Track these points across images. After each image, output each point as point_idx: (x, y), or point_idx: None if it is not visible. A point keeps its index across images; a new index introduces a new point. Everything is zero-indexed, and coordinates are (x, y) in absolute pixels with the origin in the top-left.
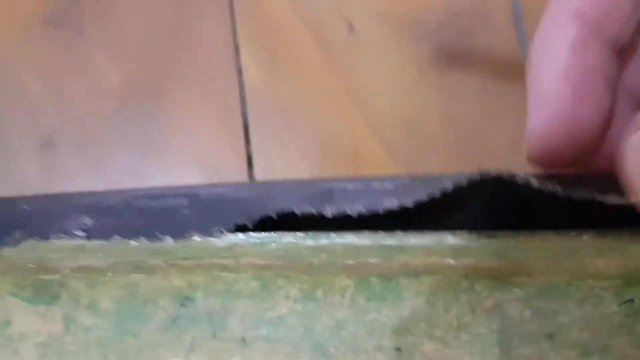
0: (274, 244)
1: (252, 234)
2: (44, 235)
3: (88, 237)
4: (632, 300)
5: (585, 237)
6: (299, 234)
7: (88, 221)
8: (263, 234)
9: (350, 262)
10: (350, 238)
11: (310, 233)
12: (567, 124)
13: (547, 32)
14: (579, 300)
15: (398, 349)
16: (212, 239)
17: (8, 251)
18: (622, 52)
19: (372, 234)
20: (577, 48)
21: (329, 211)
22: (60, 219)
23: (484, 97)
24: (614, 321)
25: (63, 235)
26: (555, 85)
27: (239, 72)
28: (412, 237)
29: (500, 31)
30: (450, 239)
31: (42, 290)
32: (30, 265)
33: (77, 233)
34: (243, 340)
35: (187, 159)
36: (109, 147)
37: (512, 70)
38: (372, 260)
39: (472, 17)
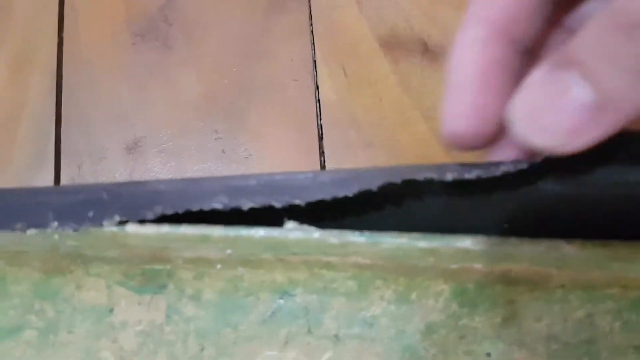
0: (386, 244)
1: (368, 232)
2: (183, 208)
3: (225, 210)
4: None
5: None
6: (415, 234)
7: (225, 199)
8: (379, 233)
9: (454, 266)
10: (466, 242)
11: (425, 234)
12: (472, 109)
13: (461, 33)
14: None
15: (488, 355)
16: (329, 236)
17: (134, 239)
18: (531, 51)
19: (487, 238)
20: (483, 45)
21: (449, 176)
22: (200, 197)
23: None
24: None
25: (203, 208)
26: (463, 76)
27: (316, 87)
28: (526, 244)
29: None
30: (564, 247)
31: (151, 280)
32: (146, 254)
33: (216, 205)
34: (336, 337)
35: (263, 167)
36: (189, 153)
37: None
38: (476, 266)
39: None
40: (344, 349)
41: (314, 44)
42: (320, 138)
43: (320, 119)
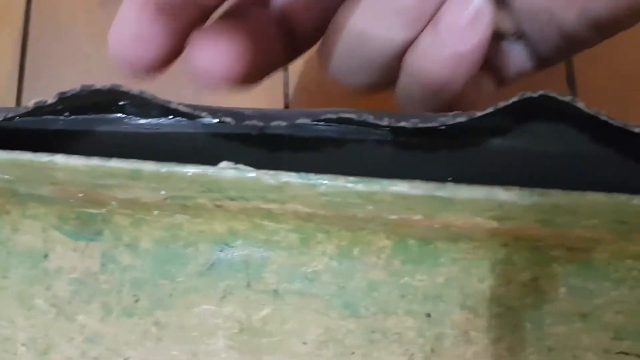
0: (324, 186)
1: (304, 173)
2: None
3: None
4: None
5: (635, 201)
6: (352, 177)
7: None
8: (316, 175)
9: (394, 217)
10: (402, 186)
11: (362, 178)
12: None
13: None
14: (616, 281)
15: (428, 315)
16: (265, 176)
17: (63, 172)
18: None
19: (424, 183)
20: None
21: (386, 121)
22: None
23: (527, 87)
24: None
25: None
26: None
27: None
28: (463, 189)
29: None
30: (501, 193)
31: (86, 225)
32: (80, 195)
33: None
34: (276, 292)
35: None
36: None
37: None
38: (415, 217)
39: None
40: (283, 304)
41: None
42: (286, 107)
43: (288, 87)
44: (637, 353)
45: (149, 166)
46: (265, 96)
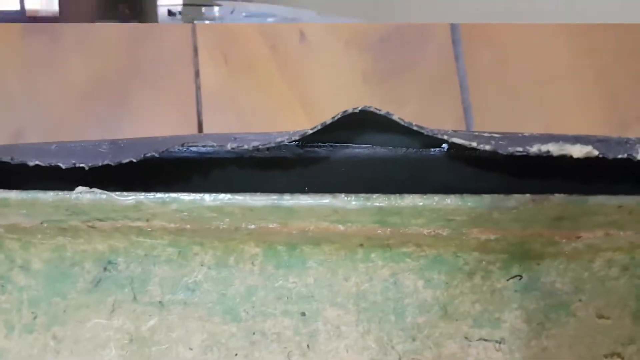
0: (175, 203)
1: (154, 193)
2: None
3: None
4: (519, 276)
5: (448, 200)
6: (201, 194)
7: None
8: (164, 194)
9: (252, 226)
10: (241, 198)
11: (211, 194)
12: None
13: None
14: (468, 273)
15: (303, 314)
16: (118, 197)
17: None
18: None
19: (263, 195)
20: None
21: (229, 146)
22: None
23: (422, 105)
24: (504, 295)
25: None
26: None
27: (196, 74)
28: (296, 198)
29: (438, 46)
30: (329, 200)
31: None
32: None
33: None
34: (161, 303)
35: None
36: (74, 138)
37: (447, 81)
38: (271, 225)
39: (413, 32)
40: (168, 314)
41: (194, 30)
42: (200, 123)
43: (201, 105)
44: (496, 339)
45: (14, 194)
46: (178, 114)
